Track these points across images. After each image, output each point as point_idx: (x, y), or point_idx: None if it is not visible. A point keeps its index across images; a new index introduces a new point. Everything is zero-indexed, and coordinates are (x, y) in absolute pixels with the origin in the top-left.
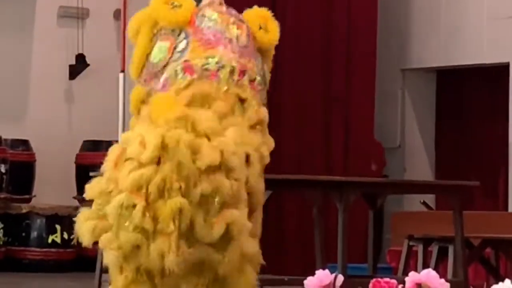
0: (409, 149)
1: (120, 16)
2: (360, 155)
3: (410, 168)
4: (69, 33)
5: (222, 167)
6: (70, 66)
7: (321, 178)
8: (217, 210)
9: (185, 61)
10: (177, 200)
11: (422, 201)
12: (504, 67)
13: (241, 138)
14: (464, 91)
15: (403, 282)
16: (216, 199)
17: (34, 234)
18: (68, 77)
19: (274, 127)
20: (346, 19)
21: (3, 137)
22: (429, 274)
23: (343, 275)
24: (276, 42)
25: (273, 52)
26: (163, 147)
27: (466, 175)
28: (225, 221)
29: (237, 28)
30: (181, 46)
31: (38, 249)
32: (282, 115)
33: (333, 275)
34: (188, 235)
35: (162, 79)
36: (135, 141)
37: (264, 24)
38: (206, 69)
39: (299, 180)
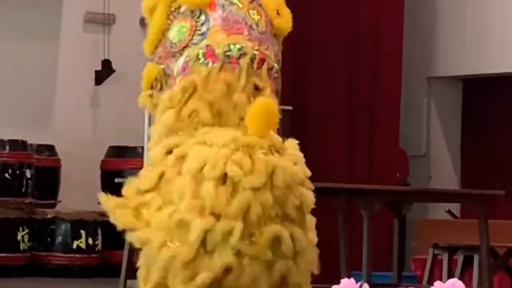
0: (434, 157)
1: (146, 23)
2: (385, 163)
3: (435, 176)
4: (95, 38)
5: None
6: (96, 71)
7: (346, 186)
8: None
9: (208, 45)
10: (274, 228)
11: (447, 209)
12: None
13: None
14: (490, 99)
15: None
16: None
17: (59, 239)
18: (94, 82)
19: (299, 135)
20: (372, 27)
21: (29, 142)
22: (455, 284)
23: (368, 283)
24: (290, 28)
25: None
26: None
27: (492, 183)
28: (311, 230)
29: (257, 14)
30: (202, 29)
31: (63, 255)
32: (307, 123)
33: (359, 283)
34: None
35: (181, 61)
36: (223, 160)
37: (279, 10)
38: (228, 56)
39: (323, 188)
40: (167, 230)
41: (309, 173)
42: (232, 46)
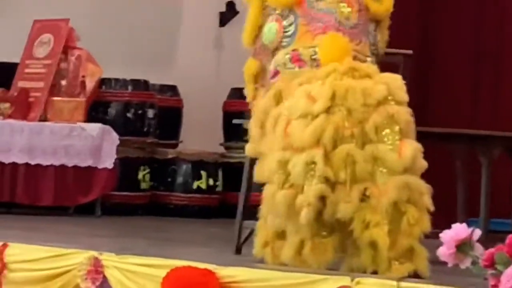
0: None
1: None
2: (510, 110)
3: None
4: None
5: (390, 98)
6: (220, 13)
7: (465, 132)
8: (397, 138)
9: (294, 50)
10: (343, 148)
11: None
12: None
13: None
14: None
15: None
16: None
17: (179, 179)
18: (218, 24)
19: (421, 80)
20: None
21: (151, 82)
22: None
23: (485, 229)
24: (391, 10)
25: (388, 21)
26: (333, 97)
27: None
28: (411, 146)
29: (347, 5)
30: (290, 30)
31: (183, 195)
32: (430, 69)
33: (471, 229)
34: (376, 173)
35: (272, 65)
36: (302, 96)
37: None
38: (315, 59)
39: (443, 133)
40: (271, 173)
41: (405, 97)
42: (318, 49)
